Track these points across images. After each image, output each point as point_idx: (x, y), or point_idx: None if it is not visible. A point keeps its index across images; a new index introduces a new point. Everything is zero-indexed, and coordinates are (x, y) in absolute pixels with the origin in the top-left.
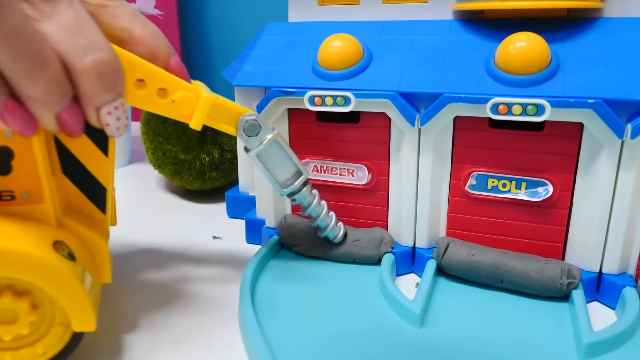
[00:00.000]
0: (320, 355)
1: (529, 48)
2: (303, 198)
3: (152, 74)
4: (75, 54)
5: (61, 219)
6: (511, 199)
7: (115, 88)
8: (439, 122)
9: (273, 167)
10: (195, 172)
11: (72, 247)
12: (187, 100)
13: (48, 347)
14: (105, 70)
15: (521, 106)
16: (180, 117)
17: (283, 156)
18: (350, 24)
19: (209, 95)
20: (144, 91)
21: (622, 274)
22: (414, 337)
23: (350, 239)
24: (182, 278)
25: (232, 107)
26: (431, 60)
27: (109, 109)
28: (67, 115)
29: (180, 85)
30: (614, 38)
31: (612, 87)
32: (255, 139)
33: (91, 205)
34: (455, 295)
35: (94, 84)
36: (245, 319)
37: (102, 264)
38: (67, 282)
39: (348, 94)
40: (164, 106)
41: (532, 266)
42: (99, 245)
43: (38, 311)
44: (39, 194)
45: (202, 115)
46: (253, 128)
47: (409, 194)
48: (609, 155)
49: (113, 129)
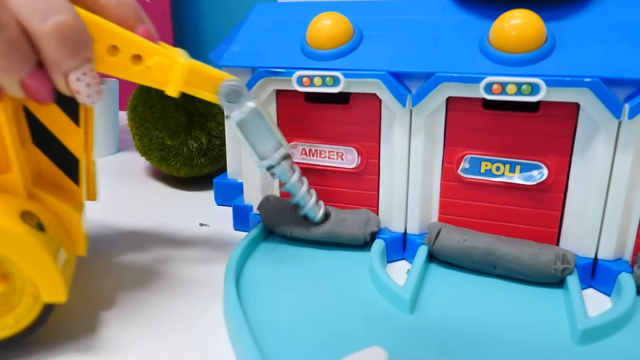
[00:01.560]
0: (307, 341)
1: (524, 26)
2: (282, 172)
3: (125, 39)
4: (36, 18)
5: (31, 189)
6: (505, 183)
7: (81, 52)
8: (431, 102)
9: (253, 138)
10: (182, 158)
11: (42, 218)
12: (162, 66)
13: (19, 318)
14: (68, 33)
15: (515, 85)
16: (156, 84)
17: (264, 127)
18: (341, 4)
19: (186, 60)
20: (117, 58)
21: (618, 259)
22: (404, 323)
23: (336, 218)
24: (166, 262)
25: (211, 73)
26: (423, 40)
27: (77, 75)
28: (32, 80)
29: (155, 51)
30: (612, 16)
31: (610, 66)
32: (236, 106)
33: (64, 176)
34: (447, 282)
35: (57, 49)
36: (228, 304)
37: (76, 235)
38: (34, 252)
39: (337, 74)
40: (138, 73)
41: (525, 252)
42: (72, 217)
43: (7, 282)
44: (6, 164)
45: (179, 82)
46: (234, 94)
47: (400, 178)
48: (605, 136)
49: (84, 96)
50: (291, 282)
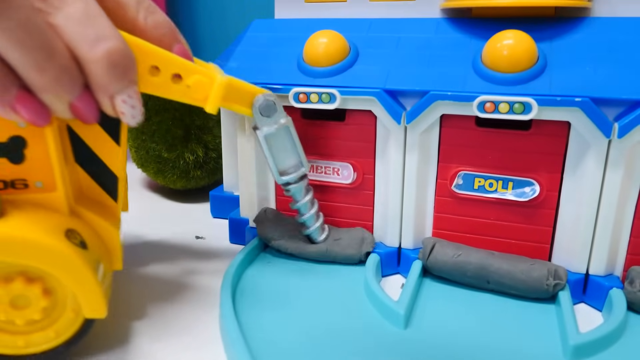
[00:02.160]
0: (301, 355)
1: (516, 46)
2: (297, 191)
3: (166, 60)
4: (86, 45)
5: (74, 207)
6: (498, 199)
7: (128, 76)
8: (425, 120)
9: (277, 153)
10: (179, 171)
11: (84, 235)
12: (201, 85)
13: (60, 332)
14: (117, 59)
15: (508, 104)
16: (196, 102)
17: (290, 144)
18: (337, 21)
19: (223, 78)
20: (158, 78)
21: (609, 275)
22: (398, 338)
23: (331, 237)
24: (162, 275)
25: (247, 88)
26: (418, 58)
27: (123, 97)
28: (80, 103)
29: (194, 70)
30: (602, 37)
31: (600, 86)
32: (268, 120)
33: (103, 193)
34: (441, 296)
35: (106, 74)
36: (225, 317)
37: (114, 251)
38: (78, 269)
39: (333, 90)
40: (178, 92)
41: (518, 267)
42: (111, 233)
43: (50, 297)
44: (52, 182)
45: (217, 99)
46: (269, 108)
47: (394, 194)
48: (596, 154)
49: (129, 116)
50: (287, 295)
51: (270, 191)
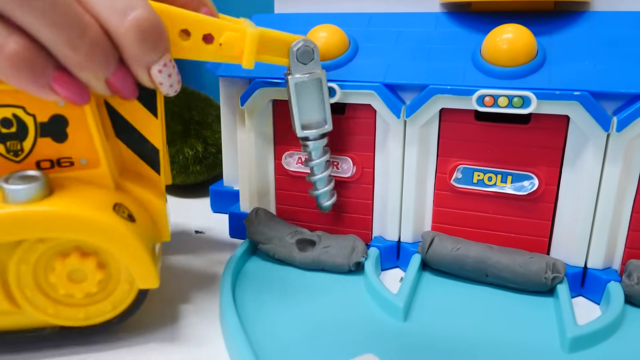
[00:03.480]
0: (302, 348)
1: (515, 40)
2: (315, 148)
3: (194, 21)
4: (115, 17)
5: (119, 181)
6: (497, 193)
7: (161, 44)
8: (424, 114)
9: (303, 104)
10: (178, 166)
11: (131, 208)
12: (234, 41)
13: (116, 303)
14: (147, 28)
15: (507, 98)
16: (231, 59)
17: (318, 98)
18: (337, 16)
19: (255, 30)
20: (189, 41)
21: (607, 268)
22: (397, 330)
23: (321, 245)
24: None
25: (282, 37)
26: (417, 52)
27: (158, 67)
28: (116, 78)
29: (225, 27)
30: (601, 31)
31: (598, 80)
32: (303, 67)
33: (146, 166)
34: (440, 290)
35: (138, 44)
36: (225, 312)
37: (161, 222)
38: (128, 242)
39: (333, 85)
40: (212, 52)
41: (516, 260)
42: (156, 205)
43: (105, 270)
44: (96, 159)
45: (252, 53)
46: (307, 54)
47: (394, 187)
48: (594, 148)
49: (167, 86)
50: (286, 288)
51: (270, 185)
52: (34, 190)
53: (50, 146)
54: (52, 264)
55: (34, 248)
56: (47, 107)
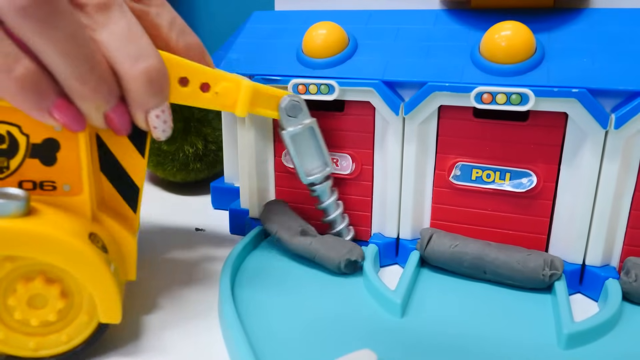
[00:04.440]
0: (300, 344)
1: (513, 37)
2: (322, 191)
3: (194, 70)
4: (127, 62)
5: (96, 213)
6: (495, 190)
7: (163, 93)
8: (423, 111)
9: (302, 153)
10: (178, 163)
11: (105, 240)
12: (229, 91)
13: (72, 335)
14: (155, 77)
15: (505, 95)
16: (225, 107)
17: (314, 144)
18: (337, 13)
19: (249, 82)
20: (188, 88)
21: (605, 266)
22: (395, 326)
23: (321, 237)
24: (163, 267)
25: (272, 92)
26: (416, 50)
27: (156, 112)
28: (114, 113)
29: (221, 77)
30: (600, 29)
31: (597, 77)
32: (294, 120)
33: (124, 203)
34: (438, 286)
35: (144, 90)
36: (224, 308)
37: (129, 260)
38: (99, 272)
39: (332, 82)
40: (208, 99)
41: (514, 257)
42: (128, 242)
43: (67, 299)
44: (79, 186)
45: (246, 103)
46: (295, 109)
47: (393, 184)
48: (592, 145)
49: (160, 130)
50: (285, 284)
51: (270, 182)
52: (13, 206)
53: (37, 168)
54: (14, 286)
55: (1, 266)
56: (43, 129)
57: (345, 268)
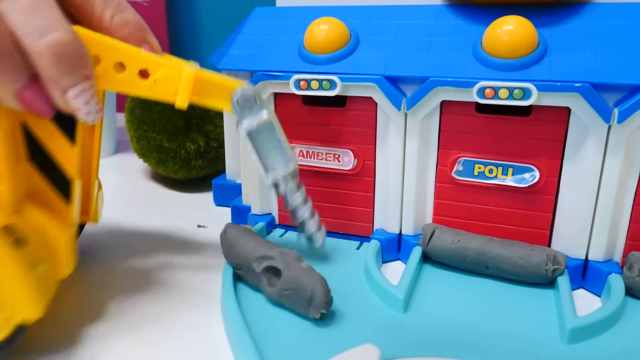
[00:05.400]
0: (302, 339)
1: (516, 31)
2: (287, 191)
3: (130, 55)
4: (32, 35)
5: (19, 205)
6: (498, 185)
7: (78, 70)
8: (425, 106)
9: (262, 150)
10: (180, 160)
11: (27, 233)
12: (169, 78)
13: None
14: (64, 51)
15: (508, 90)
16: (165, 97)
17: (275, 140)
18: (338, 9)
19: (191, 69)
20: (124, 74)
21: (608, 261)
22: (398, 322)
23: (281, 284)
24: (165, 264)
25: (222, 82)
26: (418, 45)
27: (74, 92)
28: (27, 93)
29: (161, 64)
30: (603, 23)
31: (600, 71)
32: (249, 115)
33: (55, 194)
34: (440, 282)
35: (53, 66)
36: (227, 304)
37: (63, 254)
38: (6, 266)
39: (334, 77)
40: (146, 87)
41: (517, 252)
42: (59, 235)
43: None
44: None
45: (186, 92)
46: (248, 101)
47: (395, 180)
48: (595, 140)
49: (83, 113)
50: None
51: None
52: None
53: None
54: None
55: None
56: None
57: (320, 319)
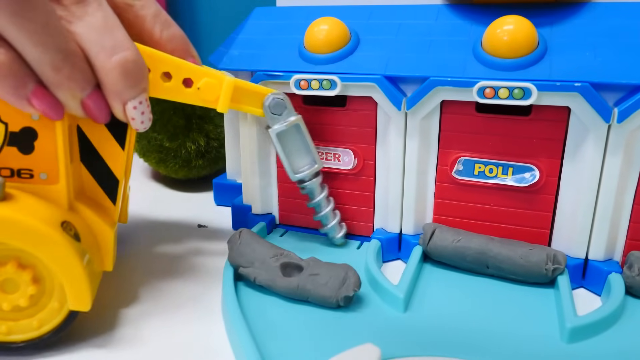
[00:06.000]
0: (302, 338)
1: (516, 31)
2: (312, 189)
3: (176, 66)
4: (103, 54)
5: (73, 202)
6: (498, 185)
7: (140, 84)
8: (425, 106)
9: (289, 150)
10: (180, 160)
11: (79, 230)
12: (211, 86)
13: (43, 322)
14: (130, 68)
15: (508, 90)
16: (207, 103)
17: (301, 141)
18: (338, 9)
19: (231, 79)
20: (170, 83)
21: (608, 260)
22: (398, 321)
23: (308, 271)
24: (166, 262)
25: (256, 89)
26: (418, 44)
27: (134, 104)
28: (91, 101)
29: (204, 73)
30: (602, 22)
31: (599, 71)
32: (279, 118)
33: (103, 194)
34: (441, 281)
35: (119, 81)
36: (227, 304)
37: (106, 251)
38: (69, 259)
39: (334, 77)
40: (190, 95)
41: (517, 252)
42: (105, 233)
43: (39, 285)
44: (56, 175)
45: (227, 98)
46: (279, 106)
47: (395, 180)
48: (595, 139)
49: (138, 122)
50: None
51: (273, 178)
52: None
53: (15, 156)
54: None
55: None
56: (21, 118)
57: (344, 303)
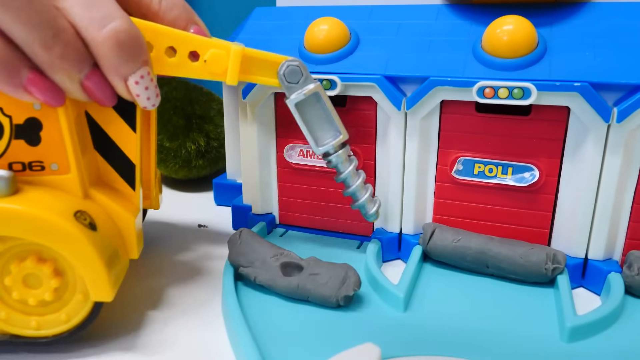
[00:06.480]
0: (302, 338)
1: (515, 31)
2: (339, 161)
3: (180, 39)
4: (93, 27)
5: (88, 191)
6: (498, 184)
7: (137, 56)
8: (425, 106)
9: (311, 122)
10: (181, 160)
11: (96, 218)
12: (218, 57)
13: (71, 315)
14: (124, 39)
15: (507, 89)
16: (216, 76)
17: (323, 111)
18: (338, 9)
19: (239, 47)
20: (175, 58)
21: (608, 259)
22: (398, 320)
23: (308, 270)
24: (165, 266)
25: (268, 57)
26: (418, 44)
27: (135, 79)
28: (90, 82)
29: (209, 44)
30: (602, 22)
31: (599, 71)
32: (295, 87)
33: (121, 181)
34: (441, 281)
35: (114, 54)
36: (227, 303)
37: (129, 238)
38: (83, 249)
39: (334, 77)
40: (197, 69)
41: (517, 251)
42: (126, 220)
43: (61, 278)
44: (67, 165)
45: (235, 69)
46: (294, 74)
47: (395, 179)
48: (595, 139)
49: (143, 99)
50: None
51: (273, 178)
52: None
53: (24, 149)
54: (9, 266)
55: None
56: (24, 109)
57: (344, 303)
